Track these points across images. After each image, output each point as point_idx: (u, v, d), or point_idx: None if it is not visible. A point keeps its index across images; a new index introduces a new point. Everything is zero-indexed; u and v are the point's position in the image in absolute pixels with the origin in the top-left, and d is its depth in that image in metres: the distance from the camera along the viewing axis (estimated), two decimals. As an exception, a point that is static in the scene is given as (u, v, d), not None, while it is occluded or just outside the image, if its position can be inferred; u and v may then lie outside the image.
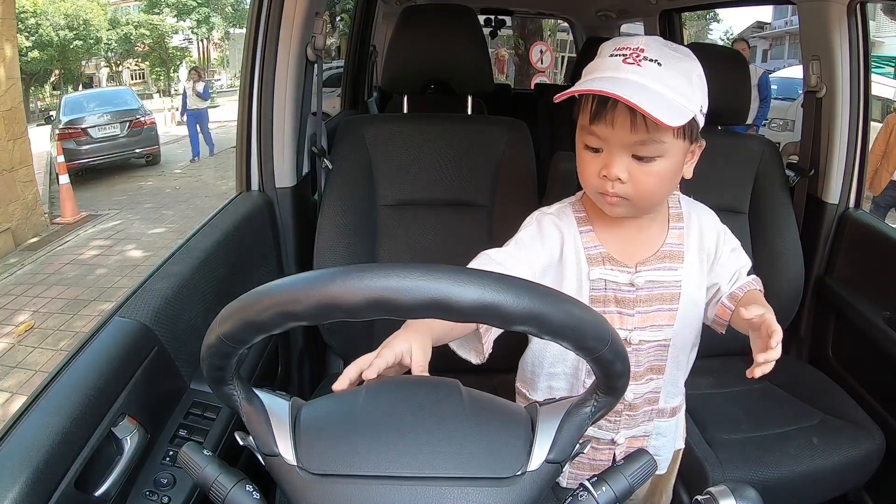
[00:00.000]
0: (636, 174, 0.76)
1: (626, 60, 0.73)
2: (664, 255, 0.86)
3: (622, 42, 0.76)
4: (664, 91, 0.72)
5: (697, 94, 0.76)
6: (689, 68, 0.77)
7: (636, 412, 0.90)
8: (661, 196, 0.82)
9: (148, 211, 6.53)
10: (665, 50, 0.75)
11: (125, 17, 19.09)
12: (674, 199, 0.89)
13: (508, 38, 10.29)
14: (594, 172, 0.79)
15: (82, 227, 5.99)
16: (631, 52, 0.74)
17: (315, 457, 0.51)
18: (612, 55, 0.75)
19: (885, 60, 9.97)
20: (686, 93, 0.74)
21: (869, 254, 1.49)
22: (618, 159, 0.76)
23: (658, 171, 0.77)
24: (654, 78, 0.72)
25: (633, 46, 0.75)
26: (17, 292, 4.41)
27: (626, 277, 0.84)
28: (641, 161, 0.76)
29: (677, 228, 0.88)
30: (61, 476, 0.63)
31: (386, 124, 1.42)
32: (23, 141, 5.83)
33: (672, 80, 0.73)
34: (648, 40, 0.76)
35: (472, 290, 0.42)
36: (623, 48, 0.75)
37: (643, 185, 0.77)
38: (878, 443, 1.22)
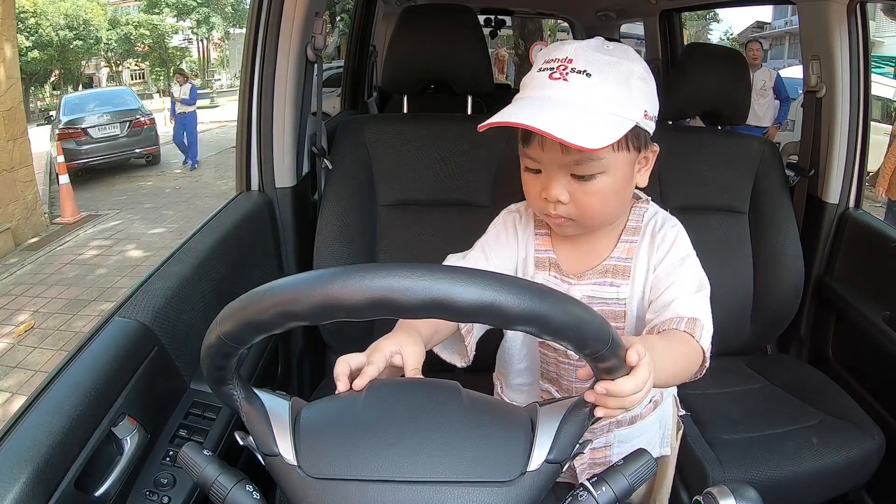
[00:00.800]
0: (577, 194, 0.73)
1: (552, 76, 0.69)
2: (606, 270, 0.81)
3: (552, 52, 0.72)
4: (594, 106, 0.68)
5: (639, 99, 0.71)
6: (625, 73, 0.70)
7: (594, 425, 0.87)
8: (609, 213, 0.78)
9: (148, 211, 6.53)
10: (597, 56, 0.70)
11: (125, 17, 19.08)
12: (637, 212, 0.83)
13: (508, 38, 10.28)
14: (536, 193, 0.76)
15: (82, 227, 6.00)
16: (558, 66, 0.69)
17: (315, 457, 0.51)
18: (540, 69, 0.71)
19: (885, 60, 9.96)
20: (623, 101, 0.69)
21: (869, 254, 1.49)
22: (556, 181, 0.73)
23: (601, 189, 0.72)
24: (581, 93, 0.68)
25: (560, 57, 0.70)
26: (17, 292, 4.41)
27: (565, 287, 0.81)
28: (581, 179, 0.72)
29: (629, 242, 0.82)
30: (61, 476, 0.63)
31: (386, 124, 1.42)
32: (23, 141, 5.83)
33: (605, 91, 0.68)
34: (579, 47, 0.70)
35: (472, 290, 0.42)
36: (551, 60, 0.70)
37: (586, 204, 0.73)
38: (878, 443, 1.22)
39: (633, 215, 0.83)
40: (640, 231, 0.82)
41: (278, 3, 1.29)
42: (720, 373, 1.45)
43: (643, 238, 0.81)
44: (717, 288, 1.59)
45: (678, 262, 0.79)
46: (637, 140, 0.73)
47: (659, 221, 0.83)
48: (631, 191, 0.78)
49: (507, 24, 4.71)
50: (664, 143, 1.13)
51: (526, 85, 0.73)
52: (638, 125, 0.70)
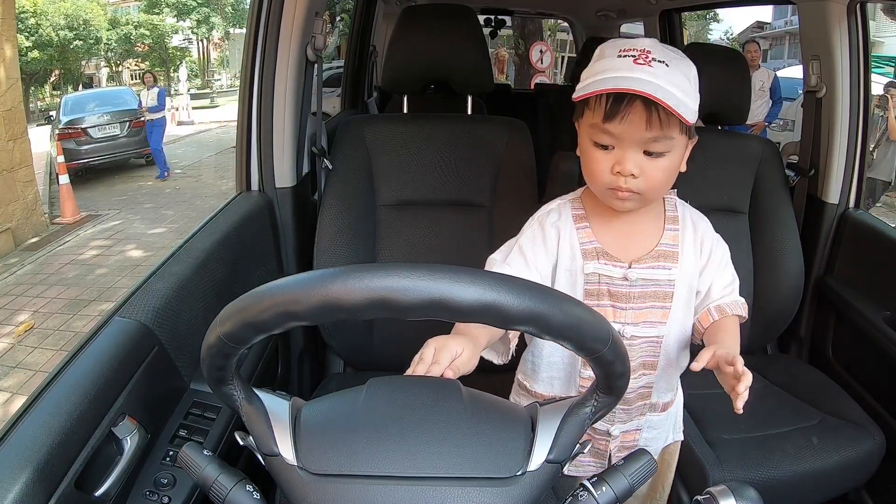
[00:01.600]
0: (648, 169, 0.79)
1: (636, 61, 0.76)
2: (658, 255, 0.88)
3: (626, 44, 0.78)
4: (674, 90, 0.75)
5: (695, 93, 0.81)
6: (688, 69, 0.80)
7: (630, 406, 0.92)
8: (665, 189, 0.85)
9: (148, 211, 6.53)
10: (667, 52, 0.78)
11: (125, 17, 19.08)
12: (670, 202, 0.92)
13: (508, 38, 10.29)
14: (605, 169, 0.81)
15: (82, 227, 5.99)
16: (640, 54, 0.77)
17: (315, 457, 0.51)
18: (621, 56, 0.78)
19: (885, 60, 9.96)
20: (689, 92, 0.78)
21: (869, 254, 1.49)
22: (631, 155, 0.79)
23: (667, 166, 0.80)
24: (664, 78, 0.75)
25: (639, 48, 0.77)
26: (18, 292, 4.41)
27: (620, 272, 0.86)
28: (652, 156, 0.79)
29: (672, 230, 0.90)
30: (61, 476, 0.63)
31: (386, 124, 1.42)
32: (23, 141, 5.83)
33: (678, 80, 0.77)
34: (651, 43, 0.78)
35: (472, 290, 0.42)
36: (630, 49, 0.78)
37: (654, 179, 0.80)
38: (878, 443, 1.22)
39: (667, 205, 0.91)
40: (677, 220, 0.90)
41: (278, 3, 1.29)
42: (720, 373, 1.45)
43: (685, 228, 0.90)
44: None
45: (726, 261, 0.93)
46: (690, 129, 0.82)
47: (694, 214, 0.93)
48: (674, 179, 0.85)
49: (507, 24, 4.71)
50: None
51: (608, 68, 0.77)
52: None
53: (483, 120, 1.55)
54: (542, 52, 7.40)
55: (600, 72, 0.78)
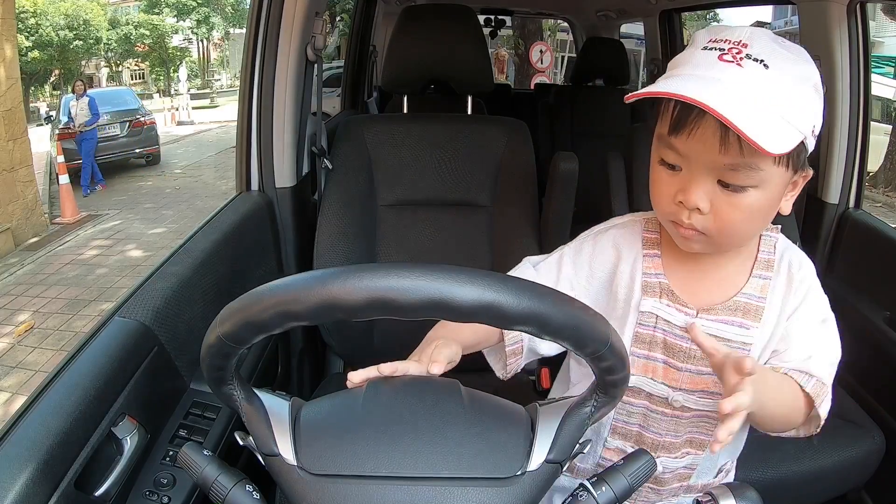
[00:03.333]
0: (720, 205, 0.61)
1: (722, 56, 0.58)
2: (736, 308, 0.69)
3: (720, 32, 0.61)
4: (768, 103, 0.57)
5: (812, 109, 0.60)
6: (804, 75, 0.59)
7: (662, 487, 0.77)
8: (749, 234, 0.67)
9: (148, 211, 6.53)
10: (774, 47, 0.59)
11: (125, 17, 19.08)
12: (769, 241, 0.72)
13: (508, 38, 10.30)
14: (668, 195, 0.63)
15: (82, 227, 6.00)
16: (731, 47, 0.58)
17: (315, 457, 0.51)
18: (705, 48, 0.60)
19: (885, 60, 9.97)
20: (798, 107, 0.58)
21: (869, 254, 1.49)
22: (699, 184, 0.61)
23: (749, 205, 0.61)
24: (757, 85, 0.57)
25: (733, 39, 0.59)
26: (17, 292, 4.42)
27: (683, 319, 0.69)
28: (729, 189, 0.60)
29: (762, 277, 0.70)
30: (61, 476, 0.63)
31: (386, 124, 1.42)
32: (23, 141, 5.83)
33: (781, 89, 0.58)
34: (754, 32, 0.60)
35: (472, 290, 0.42)
36: (720, 40, 0.59)
37: (728, 219, 0.62)
38: (878, 443, 1.22)
39: (763, 245, 0.71)
40: (772, 266, 0.71)
41: (278, 3, 1.29)
42: (720, 373, 1.45)
43: (778, 275, 0.71)
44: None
45: (818, 322, 0.71)
46: (798, 158, 0.61)
47: (795, 259, 0.72)
48: (772, 216, 0.66)
49: (507, 24, 4.71)
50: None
51: (685, 62, 0.61)
52: (804, 141, 0.59)
53: (483, 120, 1.55)
54: (542, 52, 7.41)
55: (677, 65, 0.62)
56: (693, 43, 0.62)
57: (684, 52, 0.63)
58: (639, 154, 1.48)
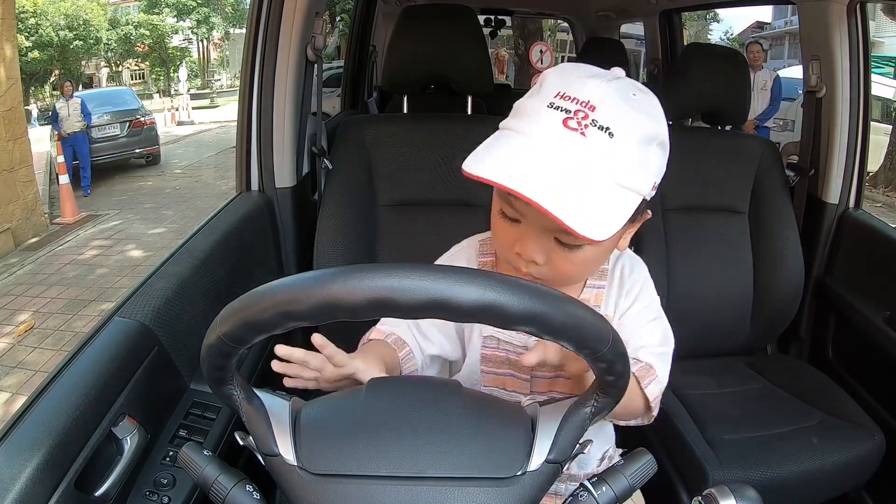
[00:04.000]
0: (556, 259, 0.63)
1: (567, 122, 0.56)
2: None
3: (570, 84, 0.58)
4: (609, 175, 0.56)
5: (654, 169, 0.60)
6: (649, 135, 0.59)
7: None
8: (585, 276, 0.71)
9: (148, 211, 6.53)
10: (623, 109, 0.57)
11: (125, 17, 19.08)
12: None
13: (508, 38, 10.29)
14: (508, 244, 0.65)
15: (82, 227, 6.00)
16: (578, 109, 0.56)
17: (315, 457, 0.51)
18: (552, 104, 0.57)
19: (885, 60, 9.96)
20: (639, 172, 0.58)
21: (869, 254, 1.49)
22: (536, 240, 0.62)
23: (584, 259, 0.63)
24: (598, 157, 0.56)
25: (582, 99, 0.57)
26: (18, 292, 4.42)
27: (522, 339, 0.72)
28: (565, 247, 0.62)
29: (596, 287, 0.73)
30: (61, 476, 0.63)
31: (386, 124, 1.42)
32: (23, 141, 5.83)
33: (624, 157, 0.57)
34: (606, 91, 0.57)
35: (472, 290, 0.42)
36: (569, 97, 0.57)
37: (563, 271, 0.64)
38: (878, 443, 1.22)
39: None
40: (607, 275, 0.74)
41: (278, 3, 1.29)
42: (720, 373, 1.45)
43: (611, 284, 0.74)
44: (716, 288, 1.59)
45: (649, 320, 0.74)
46: (637, 211, 0.61)
47: (627, 266, 0.75)
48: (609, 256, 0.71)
49: (507, 24, 4.71)
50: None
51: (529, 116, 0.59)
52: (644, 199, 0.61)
53: (483, 120, 1.55)
54: (542, 53, 7.39)
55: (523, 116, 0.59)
56: (541, 88, 0.60)
57: (532, 98, 0.60)
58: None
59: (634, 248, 1.58)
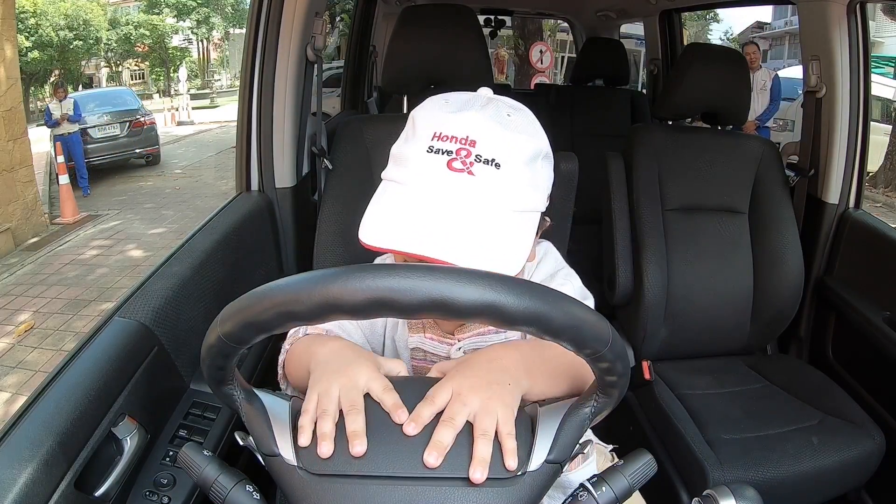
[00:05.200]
0: None
1: (452, 164, 0.55)
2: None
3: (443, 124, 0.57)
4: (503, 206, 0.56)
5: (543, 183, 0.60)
6: (532, 154, 0.58)
7: None
8: None
9: (148, 211, 6.53)
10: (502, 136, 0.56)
11: (125, 18, 19.08)
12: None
13: (508, 38, 10.29)
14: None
15: (82, 227, 6.00)
16: (459, 148, 0.55)
17: (315, 457, 0.51)
18: (431, 148, 0.56)
19: (885, 60, 9.97)
20: (531, 192, 0.58)
21: (869, 254, 1.49)
22: None
23: None
24: (490, 192, 0.55)
25: (460, 136, 0.55)
26: (18, 292, 4.42)
27: (445, 350, 0.71)
28: None
29: None
30: (61, 476, 0.63)
31: (386, 124, 1.42)
32: (23, 141, 5.83)
33: (514, 183, 0.56)
34: (480, 123, 0.56)
35: (473, 290, 0.42)
36: (447, 137, 0.56)
37: None
38: (878, 443, 1.22)
39: None
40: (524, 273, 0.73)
41: (278, 3, 1.29)
42: (720, 373, 1.45)
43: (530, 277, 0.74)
44: (716, 288, 1.59)
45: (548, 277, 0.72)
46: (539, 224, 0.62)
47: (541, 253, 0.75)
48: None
49: (507, 24, 4.71)
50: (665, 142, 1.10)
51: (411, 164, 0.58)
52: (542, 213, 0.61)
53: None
54: (542, 53, 7.41)
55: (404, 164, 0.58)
56: (415, 131, 0.58)
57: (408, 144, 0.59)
58: (639, 154, 1.49)
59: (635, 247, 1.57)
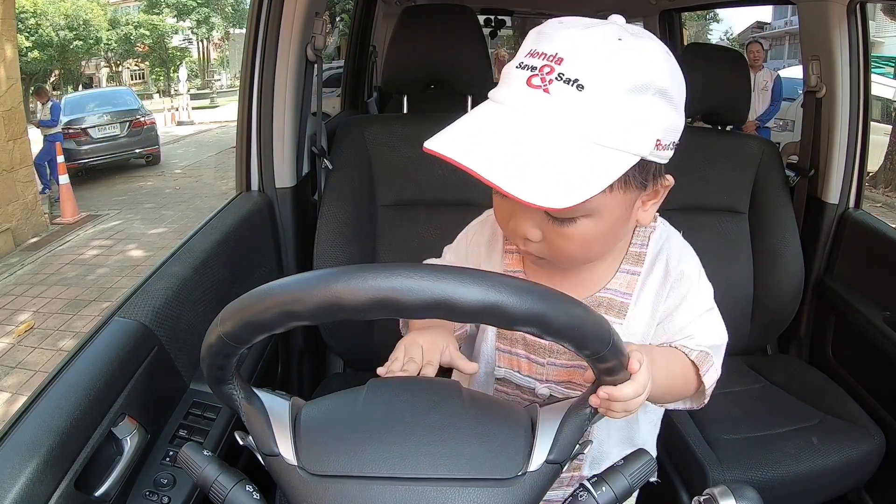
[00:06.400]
0: (551, 236, 0.58)
1: (531, 81, 0.50)
2: (598, 304, 0.67)
3: (541, 41, 0.52)
4: (579, 135, 0.50)
5: (651, 123, 0.52)
6: (638, 83, 0.51)
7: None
8: (592, 257, 0.63)
9: (148, 211, 6.53)
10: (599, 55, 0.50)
11: (125, 17, 19.08)
12: (643, 234, 0.68)
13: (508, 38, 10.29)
14: (505, 220, 0.61)
15: (82, 227, 6.00)
16: (544, 65, 0.50)
17: (315, 457, 0.51)
18: (521, 64, 0.52)
19: (885, 60, 9.97)
20: (624, 128, 0.51)
21: (869, 254, 1.49)
22: (526, 216, 0.57)
23: (581, 234, 0.57)
24: (564, 115, 0.50)
25: (549, 52, 0.51)
26: (18, 292, 4.42)
27: (530, 384, 0.70)
28: (557, 221, 0.56)
29: (630, 273, 0.67)
30: (61, 476, 0.63)
31: (386, 124, 1.42)
32: (23, 141, 5.83)
33: (599, 112, 0.50)
34: (581, 38, 0.51)
35: (475, 290, 0.42)
36: (537, 53, 0.51)
37: (561, 248, 0.58)
38: (878, 443, 1.22)
39: (636, 238, 0.68)
40: (643, 259, 0.68)
41: (278, 3, 1.29)
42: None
43: (651, 271, 0.67)
44: (716, 288, 1.58)
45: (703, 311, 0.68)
46: (643, 175, 0.55)
47: (674, 253, 0.68)
48: (628, 229, 0.63)
49: (507, 24, 4.71)
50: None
51: (503, 80, 0.55)
52: (644, 159, 0.53)
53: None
54: (542, 53, 7.40)
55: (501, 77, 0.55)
56: (523, 46, 0.55)
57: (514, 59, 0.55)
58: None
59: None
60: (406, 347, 0.64)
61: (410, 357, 0.62)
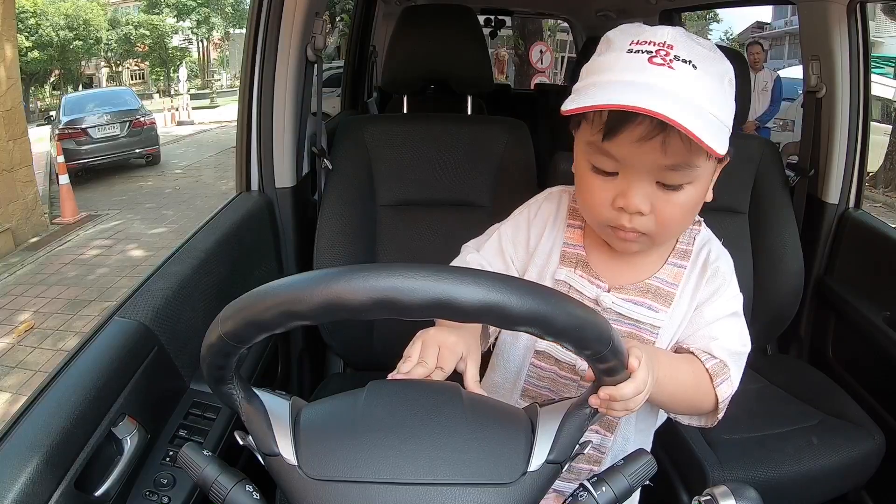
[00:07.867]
0: (660, 205, 0.62)
1: (652, 60, 0.58)
2: (647, 290, 0.71)
3: (641, 33, 0.60)
4: (701, 104, 0.57)
5: (731, 103, 0.62)
6: (722, 71, 0.61)
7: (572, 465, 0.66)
8: (683, 228, 0.70)
9: (148, 211, 6.53)
10: (695, 47, 0.59)
11: (125, 17, 19.10)
12: (689, 233, 0.74)
13: (508, 38, 10.30)
14: (606, 202, 0.63)
15: (82, 227, 6.00)
16: (658, 49, 0.58)
17: (316, 460, 0.51)
18: (632, 50, 0.59)
19: (885, 60, 9.97)
20: (722, 103, 0.60)
21: (869, 254, 1.49)
22: (639, 187, 0.61)
23: (685, 201, 0.63)
24: (689, 86, 0.57)
25: (657, 41, 0.59)
26: (18, 292, 4.42)
27: (594, 292, 0.71)
28: (668, 189, 0.62)
29: (677, 266, 0.72)
30: (61, 476, 0.63)
31: (386, 124, 1.42)
32: (23, 141, 5.83)
33: (709, 88, 0.58)
34: (674, 33, 0.59)
35: (476, 290, 0.42)
36: (645, 42, 0.59)
37: (668, 217, 0.63)
38: (878, 443, 1.22)
39: (683, 236, 0.73)
40: (689, 255, 0.73)
41: (278, 3, 1.29)
42: (720, 373, 1.45)
43: (694, 266, 0.72)
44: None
45: (728, 314, 0.72)
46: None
47: (714, 251, 0.73)
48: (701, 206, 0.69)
49: (507, 24, 4.71)
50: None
51: (611, 66, 0.60)
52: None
53: (483, 120, 1.55)
54: (542, 52, 7.41)
55: (601, 70, 0.60)
56: (610, 45, 0.62)
57: (604, 55, 0.62)
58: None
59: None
60: (423, 346, 0.63)
61: (423, 360, 0.62)
